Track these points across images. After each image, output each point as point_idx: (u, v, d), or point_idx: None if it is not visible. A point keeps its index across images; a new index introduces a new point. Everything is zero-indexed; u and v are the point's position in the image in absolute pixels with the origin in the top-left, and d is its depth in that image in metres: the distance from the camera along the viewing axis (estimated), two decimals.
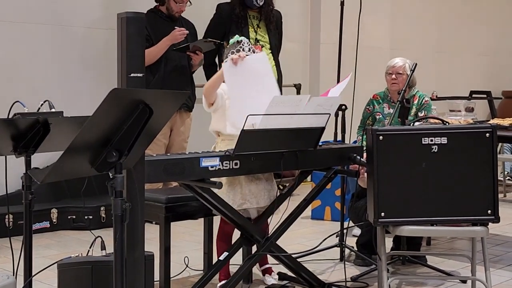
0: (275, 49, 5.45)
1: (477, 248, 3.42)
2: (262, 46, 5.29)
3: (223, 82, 3.37)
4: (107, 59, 5.59)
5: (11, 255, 3.02)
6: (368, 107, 4.86)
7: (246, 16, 5.32)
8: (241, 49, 3.41)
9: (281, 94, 5.41)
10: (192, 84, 5.40)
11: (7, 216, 4.72)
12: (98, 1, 5.76)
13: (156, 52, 5.11)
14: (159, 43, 5.12)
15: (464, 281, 3.73)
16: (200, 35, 5.46)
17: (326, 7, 7.05)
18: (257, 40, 5.29)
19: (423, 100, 4.69)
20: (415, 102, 4.67)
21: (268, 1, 5.38)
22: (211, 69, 5.44)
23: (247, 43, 3.46)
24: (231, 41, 3.47)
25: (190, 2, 5.31)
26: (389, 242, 4.11)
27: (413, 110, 4.66)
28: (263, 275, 3.67)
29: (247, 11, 5.32)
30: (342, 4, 4.37)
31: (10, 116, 2.83)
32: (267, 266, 3.68)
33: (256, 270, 3.70)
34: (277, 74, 5.37)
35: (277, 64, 5.43)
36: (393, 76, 4.63)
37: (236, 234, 3.48)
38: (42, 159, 3.71)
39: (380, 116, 4.71)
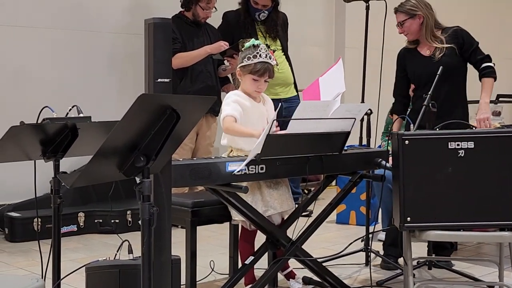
0: (287, 51, 5.49)
1: (504, 253, 3.39)
2: (274, 51, 5.32)
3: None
4: (133, 64, 5.65)
5: (40, 259, 3.06)
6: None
7: (253, 23, 5.36)
8: (257, 55, 3.40)
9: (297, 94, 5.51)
10: (218, 89, 5.43)
11: (35, 220, 4.78)
12: (124, 7, 5.82)
13: (195, 56, 5.14)
14: (200, 49, 5.15)
15: (491, 287, 3.70)
16: None
17: (351, 11, 7.04)
18: (267, 46, 5.32)
19: None
20: None
21: (273, 15, 5.39)
22: (221, 81, 5.53)
23: (264, 48, 3.43)
24: (247, 44, 3.43)
25: (216, 8, 5.34)
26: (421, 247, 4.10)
27: None
28: (287, 279, 3.67)
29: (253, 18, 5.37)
30: (367, 8, 4.37)
31: (39, 121, 2.87)
32: (289, 270, 3.68)
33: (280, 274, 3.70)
34: (292, 75, 5.49)
35: (290, 64, 5.47)
36: None
37: (260, 238, 3.49)
38: (69, 163, 3.75)
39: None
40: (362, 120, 4.24)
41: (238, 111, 3.35)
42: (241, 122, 3.35)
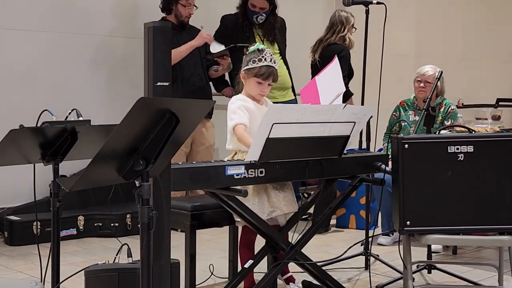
0: (284, 55, 5.51)
1: (504, 257, 3.39)
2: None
3: None
4: (132, 67, 5.64)
5: (39, 262, 3.06)
6: (394, 113, 4.87)
7: (251, 26, 5.37)
8: (262, 58, 3.42)
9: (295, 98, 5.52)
10: (210, 90, 5.45)
11: (35, 223, 4.77)
12: (121, 10, 5.79)
13: (181, 52, 5.12)
14: (185, 45, 5.15)
15: None
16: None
17: None
18: None
19: (449, 109, 4.68)
20: (441, 110, 4.66)
21: (270, 19, 5.40)
22: (220, 84, 5.54)
23: (269, 53, 3.46)
24: (252, 48, 3.46)
25: (196, 6, 5.34)
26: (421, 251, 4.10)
27: (439, 118, 4.64)
28: (287, 283, 3.67)
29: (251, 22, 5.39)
30: (367, 11, 4.37)
31: (38, 125, 2.87)
32: (288, 275, 3.67)
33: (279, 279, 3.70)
34: (290, 79, 5.50)
35: (287, 68, 5.49)
36: (422, 84, 4.64)
37: (259, 242, 3.49)
38: (68, 166, 3.76)
39: (405, 123, 4.70)
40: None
41: (246, 117, 3.37)
42: (248, 125, 3.36)
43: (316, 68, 5.14)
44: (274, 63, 3.45)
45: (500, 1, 9.44)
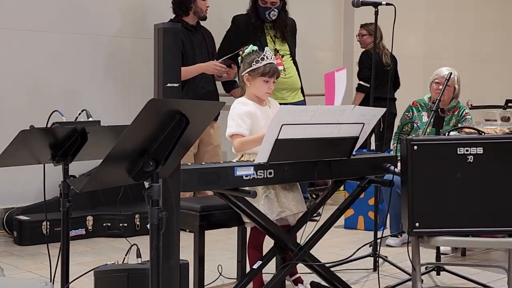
0: (294, 56, 5.51)
1: None
2: (283, 56, 5.32)
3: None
4: (142, 68, 5.66)
5: (49, 262, 3.07)
6: (407, 113, 4.84)
7: (262, 26, 5.37)
8: (265, 57, 3.43)
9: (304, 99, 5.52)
10: (217, 93, 5.48)
11: (44, 223, 4.79)
12: (123, 11, 5.81)
13: (189, 73, 5.15)
14: (192, 67, 5.17)
15: None
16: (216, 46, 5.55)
17: (359, 17, 7.05)
18: (276, 50, 5.33)
19: (464, 112, 4.66)
20: (456, 113, 4.65)
21: (282, 15, 5.41)
22: (229, 85, 5.58)
23: (269, 51, 3.48)
24: (247, 51, 3.48)
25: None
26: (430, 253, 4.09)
27: (453, 121, 4.63)
28: (295, 284, 3.67)
29: (263, 21, 5.38)
30: (376, 13, 4.36)
31: (49, 125, 2.88)
32: (296, 276, 3.68)
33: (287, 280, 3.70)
34: (299, 80, 5.50)
35: (297, 69, 5.49)
36: (441, 86, 4.60)
37: (268, 243, 3.50)
38: (77, 167, 3.78)
39: (419, 123, 4.69)
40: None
41: (245, 125, 3.36)
42: (251, 130, 3.37)
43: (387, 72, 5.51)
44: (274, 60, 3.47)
45: (509, 2, 9.42)
